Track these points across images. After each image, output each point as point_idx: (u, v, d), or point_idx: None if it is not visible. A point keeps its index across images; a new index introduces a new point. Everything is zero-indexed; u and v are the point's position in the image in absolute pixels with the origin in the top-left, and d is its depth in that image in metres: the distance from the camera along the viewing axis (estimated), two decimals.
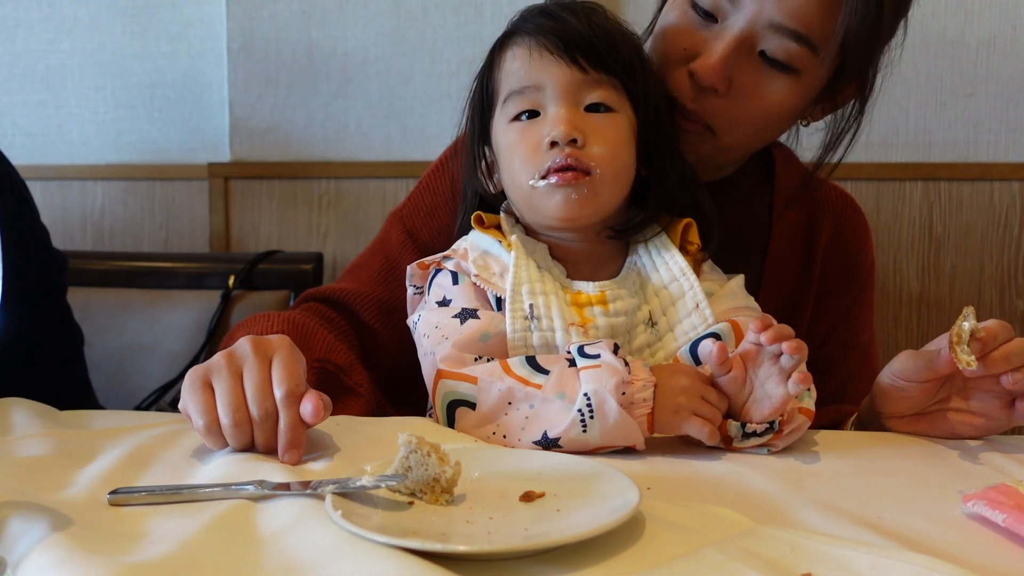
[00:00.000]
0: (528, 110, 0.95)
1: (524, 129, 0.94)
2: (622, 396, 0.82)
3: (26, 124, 1.99)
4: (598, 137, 0.92)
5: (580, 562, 0.60)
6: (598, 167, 0.92)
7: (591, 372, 0.83)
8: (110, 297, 1.69)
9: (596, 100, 0.94)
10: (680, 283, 0.95)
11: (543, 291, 0.93)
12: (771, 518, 0.69)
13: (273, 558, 0.61)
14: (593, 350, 0.85)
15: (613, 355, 0.85)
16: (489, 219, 1.00)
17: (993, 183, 1.79)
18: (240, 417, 0.79)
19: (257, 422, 0.80)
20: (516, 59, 0.96)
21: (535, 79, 0.94)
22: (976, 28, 1.76)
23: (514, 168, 0.95)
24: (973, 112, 1.78)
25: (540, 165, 0.92)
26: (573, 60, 0.93)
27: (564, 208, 0.92)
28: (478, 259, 0.97)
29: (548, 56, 0.94)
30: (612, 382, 0.82)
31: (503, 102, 0.97)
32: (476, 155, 1.01)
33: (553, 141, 0.91)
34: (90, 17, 1.97)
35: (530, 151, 0.93)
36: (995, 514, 0.67)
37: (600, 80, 0.94)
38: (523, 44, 0.96)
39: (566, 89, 0.93)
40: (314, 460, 0.80)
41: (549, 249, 0.97)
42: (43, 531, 0.63)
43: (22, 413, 0.96)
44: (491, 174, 1.01)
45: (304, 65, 1.91)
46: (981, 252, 1.81)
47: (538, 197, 0.93)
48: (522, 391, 0.85)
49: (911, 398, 0.91)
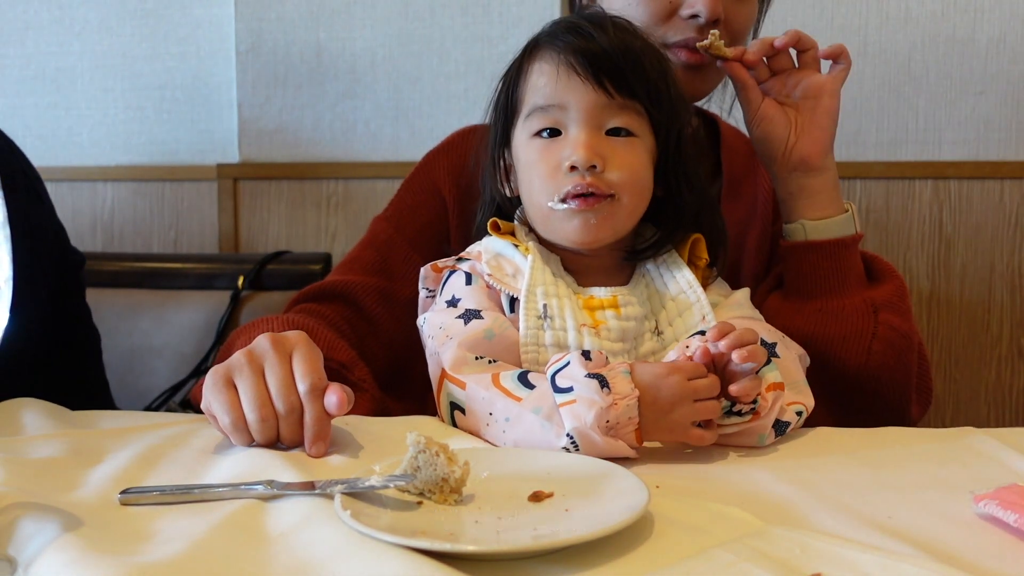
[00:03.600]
0: (550, 128, 0.95)
1: (545, 147, 0.95)
2: (605, 424, 0.79)
3: (36, 126, 2.00)
4: (618, 162, 0.93)
5: (589, 562, 0.60)
6: (617, 191, 0.92)
7: (568, 409, 0.80)
8: (120, 298, 1.70)
9: (618, 125, 0.94)
10: (687, 295, 0.96)
11: (556, 294, 0.94)
12: (780, 518, 0.69)
13: (282, 558, 0.62)
14: (564, 380, 0.82)
15: (588, 378, 0.81)
16: (505, 226, 1.01)
17: (1003, 181, 1.79)
18: (266, 412, 0.81)
19: (283, 416, 0.81)
20: (543, 75, 0.96)
21: (559, 99, 0.94)
22: (986, 26, 1.75)
23: (533, 187, 0.96)
24: (983, 110, 1.77)
25: (559, 188, 0.92)
26: (599, 83, 0.93)
27: (581, 233, 0.93)
28: (491, 261, 0.97)
29: (575, 77, 0.93)
30: (591, 416, 0.79)
31: (526, 116, 0.97)
32: (496, 159, 1.02)
33: (573, 165, 0.92)
34: (100, 19, 1.98)
35: (549, 172, 0.93)
36: (1007, 514, 0.67)
37: (624, 105, 0.94)
38: (551, 61, 0.95)
39: (589, 112, 0.93)
40: (323, 460, 0.80)
41: (561, 260, 0.98)
42: (54, 531, 0.63)
43: (33, 414, 0.96)
44: (508, 178, 1.02)
45: (312, 66, 1.91)
46: (991, 251, 1.80)
47: (556, 219, 0.94)
48: (502, 403, 0.85)
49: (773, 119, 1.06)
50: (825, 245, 1.06)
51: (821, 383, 0.98)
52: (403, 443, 0.71)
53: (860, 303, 1.05)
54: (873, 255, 1.12)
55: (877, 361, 1.04)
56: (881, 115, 1.78)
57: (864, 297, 1.06)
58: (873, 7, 1.76)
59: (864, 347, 1.04)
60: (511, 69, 1.01)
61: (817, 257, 1.06)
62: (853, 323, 1.04)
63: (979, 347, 1.79)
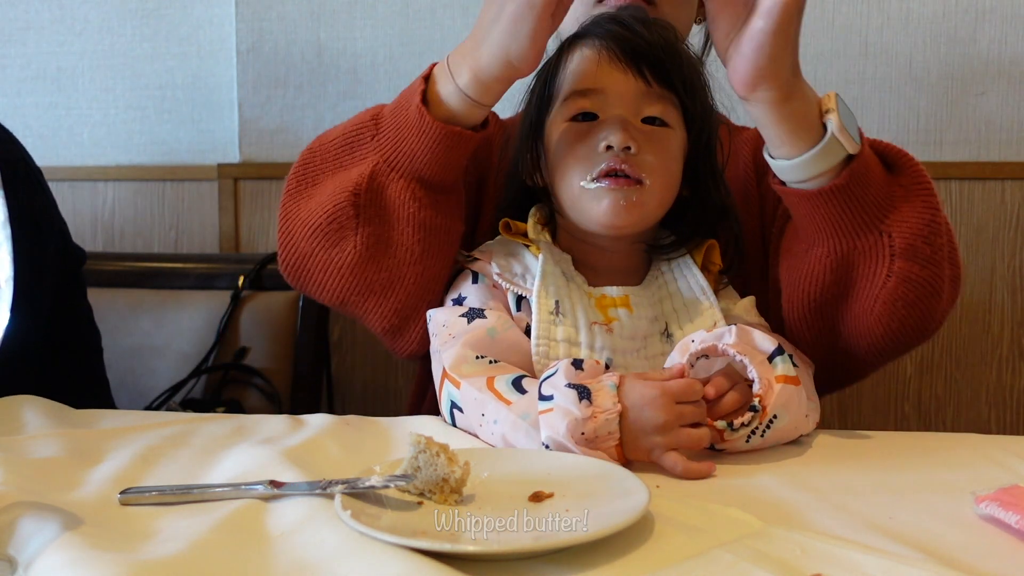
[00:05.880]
0: (587, 112, 0.96)
1: (582, 130, 0.95)
2: (581, 436, 0.78)
3: (37, 125, 2.00)
4: (651, 148, 0.94)
5: (589, 562, 0.60)
6: (648, 177, 0.93)
7: (545, 418, 0.80)
8: (120, 298, 1.70)
9: (654, 114, 0.96)
10: (700, 301, 0.96)
11: (568, 294, 0.95)
12: (781, 518, 0.69)
13: (283, 557, 0.62)
14: (548, 389, 0.81)
15: (569, 388, 0.80)
16: (516, 226, 1.01)
17: (1005, 182, 1.78)
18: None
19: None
20: (584, 60, 0.97)
21: (599, 83, 0.95)
22: (987, 27, 1.75)
23: (567, 167, 0.96)
24: (984, 111, 1.77)
25: (593, 167, 0.93)
26: (639, 71, 0.95)
27: (610, 214, 0.93)
28: (501, 260, 0.98)
29: (615, 63, 0.95)
30: (563, 426, 0.78)
31: (563, 100, 0.97)
32: (528, 148, 1.01)
33: (608, 145, 0.92)
34: (100, 19, 1.97)
35: (585, 152, 0.94)
36: (1008, 515, 0.67)
37: (661, 95, 0.96)
38: (592, 47, 0.97)
39: (627, 98, 0.95)
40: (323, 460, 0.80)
41: (573, 260, 0.99)
42: (54, 531, 0.63)
43: (33, 412, 0.96)
44: (536, 168, 1.01)
45: (313, 66, 1.91)
46: (992, 252, 1.80)
47: (587, 199, 0.94)
48: (493, 406, 0.85)
49: (715, 22, 0.89)
50: (803, 197, 0.92)
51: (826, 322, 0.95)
52: (403, 443, 0.71)
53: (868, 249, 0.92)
54: (886, 146, 0.96)
55: (887, 312, 0.93)
56: (882, 115, 1.78)
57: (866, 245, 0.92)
58: (874, 7, 1.76)
59: (871, 300, 0.93)
60: (549, 61, 1.01)
61: (806, 206, 0.93)
62: (864, 269, 0.93)
63: (980, 348, 1.79)
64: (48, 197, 1.25)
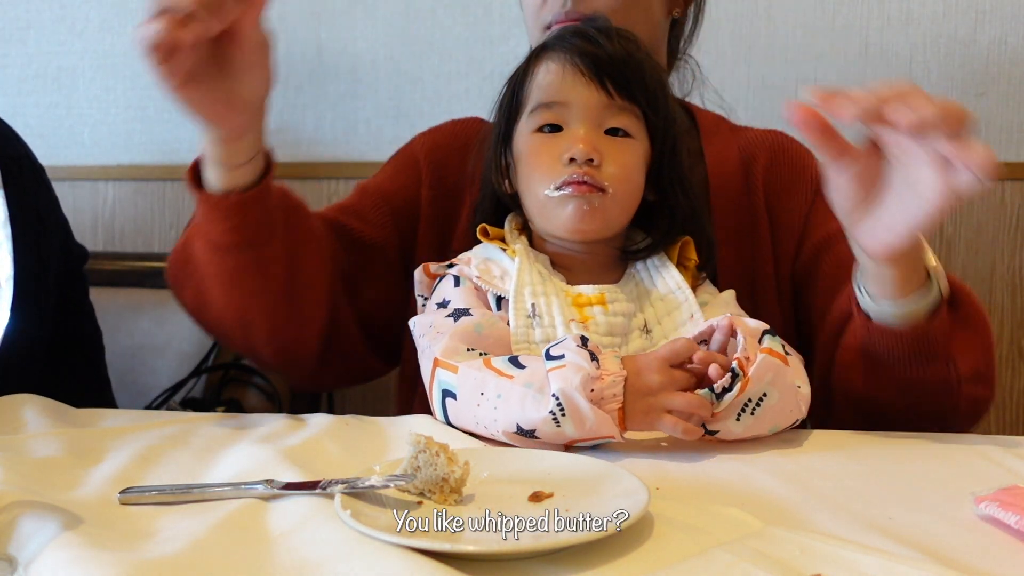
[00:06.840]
0: (552, 123, 0.99)
1: (546, 141, 1.00)
2: (591, 392, 0.82)
3: (37, 125, 2.00)
4: (613, 159, 0.98)
5: (589, 562, 0.60)
6: (610, 186, 0.97)
7: (557, 373, 0.83)
8: (121, 297, 1.70)
9: (617, 125, 1.00)
10: (675, 295, 0.99)
11: (544, 292, 0.97)
12: (780, 519, 0.69)
13: (282, 557, 0.62)
14: (558, 350, 0.85)
15: (581, 348, 0.84)
16: (494, 232, 1.05)
17: (1004, 183, 1.78)
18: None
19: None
20: (549, 73, 1.01)
21: (563, 96, 0.99)
22: (987, 27, 1.75)
23: (532, 177, 1.00)
24: (984, 112, 1.77)
25: (557, 178, 0.97)
26: (602, 84, 0.99)
27: (575, 219, 0.97)
28: (480, 264, 1.01)
29: (579, 77, 0.99)
30: (577, 379, 0.81)
31: (530, 112, 1.02)
32: (497, 155, 1.06)
33: (572, 158, 0.96)
34: (101, 19, 1.97)
35: (549, 163, 0.98)
36: (1008, 516, 0.67)
37: (624, 107, 1.00)
38: (558, 60, 1.01)
39: (591, 111, 0.99)
40: (323, 459, 0.80)
41: (551, 260, 1.02)
42: (54, 530, 0.63)
43: (33, 411, 0.96)
44: (506, 175, 1.06)
45: (313, 66, 1.91)
46: (992, 252, 1.80)
47: (551, 206, 0.98)
48: (494, 381, 0.87)
49: (845, 189, 0.86)
50: (898, 334, 0.92)
51: None
52: (403, 443, 0.71)
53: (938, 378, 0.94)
54: (959, 286, 0.96)
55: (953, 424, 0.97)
56: None
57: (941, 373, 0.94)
58: (874, 8, 1.76)
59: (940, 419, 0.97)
60: (517, 71, 1.06)
61: (890, 340, 0.93)
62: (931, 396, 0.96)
63: None
64: (51, 194, 1.25)
